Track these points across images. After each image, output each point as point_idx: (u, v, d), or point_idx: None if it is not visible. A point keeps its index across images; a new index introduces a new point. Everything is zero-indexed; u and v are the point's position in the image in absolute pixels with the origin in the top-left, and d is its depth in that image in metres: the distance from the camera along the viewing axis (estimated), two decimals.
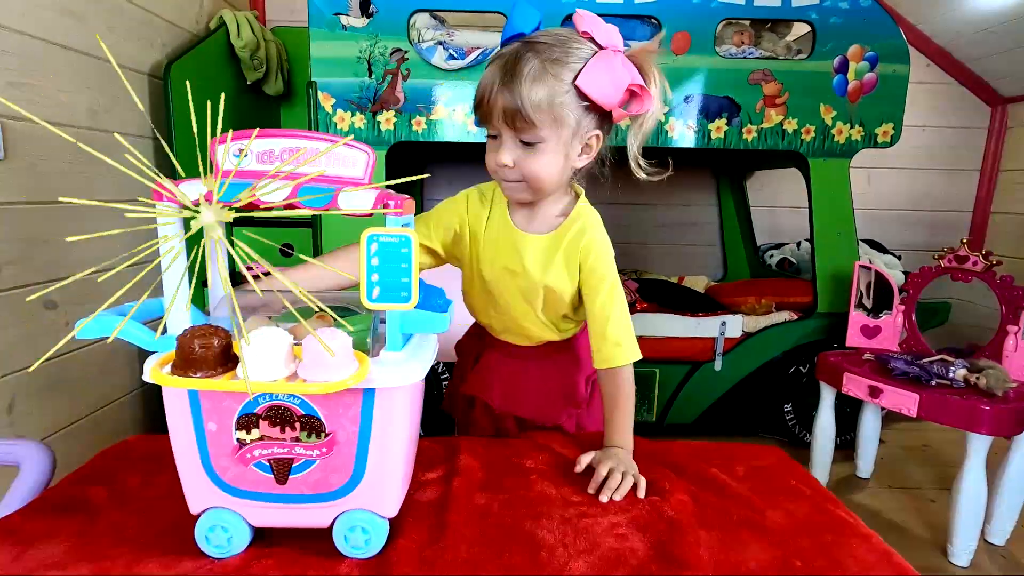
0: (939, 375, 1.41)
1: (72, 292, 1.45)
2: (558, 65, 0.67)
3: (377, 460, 0.51)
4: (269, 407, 0.50)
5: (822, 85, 1.78)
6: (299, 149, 0.49)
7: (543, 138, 0.69)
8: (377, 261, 0.48)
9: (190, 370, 0.48)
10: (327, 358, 0.46)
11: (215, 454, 0.52)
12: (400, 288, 0.49)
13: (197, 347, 0.47)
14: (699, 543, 0.54)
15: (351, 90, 1.71)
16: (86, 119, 1.49)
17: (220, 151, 0.49)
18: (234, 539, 0.54)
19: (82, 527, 0.59)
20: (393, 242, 0.48)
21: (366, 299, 0.49)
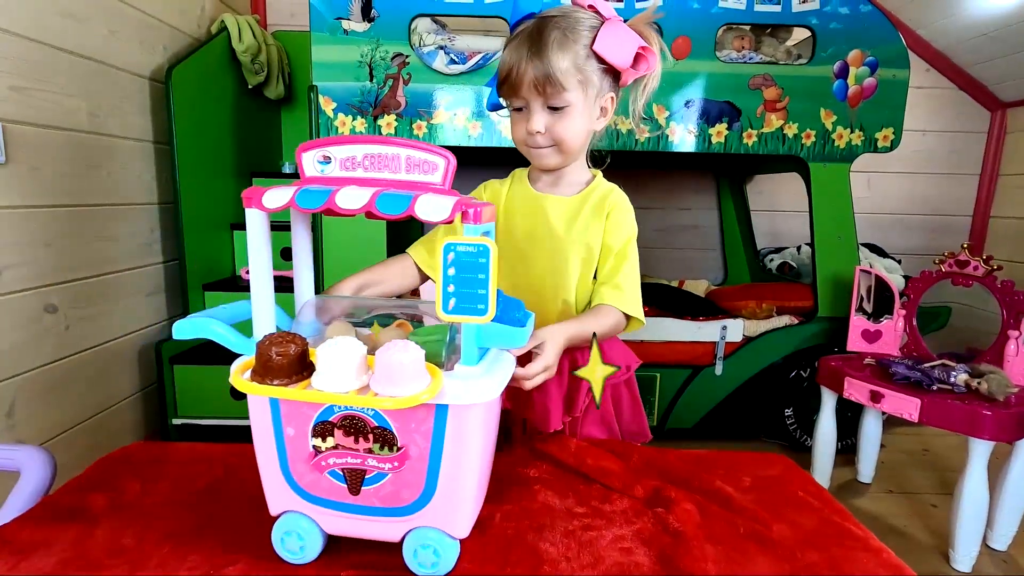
0: (940, 380, 1.41)
1: (72, 296, 1.45)
2: (576, 33, 0.74)
3: (449, 478, 0.50)
4: (344, 416, 0.50)
5: (822, 90, 1.78)
6: (380, 155, 0.49)
7: (570, 101, 0.75)
8: (454, 271, 0.47)
9: (268, 377, 0.48)
10: (400, 371, 0.46)
11: (292, 458, 0.53)
12: (477, 300, 0.47)
13: (274, 354, 0.48)
14: (705, 557, 0.54)
15: (352, 94, 1.71)
16: (87, 123, 1.49)
17: (305, 158, 0.49)
18: (307, 545, 0.54)
19: (79, 536, 0.59)
20: (471, 251, 0.46)
21: (441, 311, 0.48)
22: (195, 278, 1.86)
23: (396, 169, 0.49)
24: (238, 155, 2.09)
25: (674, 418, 1.94)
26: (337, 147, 0.49)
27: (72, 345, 1.45)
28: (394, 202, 0.46)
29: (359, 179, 0.49)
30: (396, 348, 0.47)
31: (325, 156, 0.49)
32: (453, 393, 0.48)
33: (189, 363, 1.76)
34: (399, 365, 0.46)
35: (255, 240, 0.53)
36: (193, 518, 0.62)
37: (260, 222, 0.53)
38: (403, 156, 0.49)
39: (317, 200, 0.47)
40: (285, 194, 0.48)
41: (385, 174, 0.49)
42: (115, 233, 1.60)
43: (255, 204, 0.51)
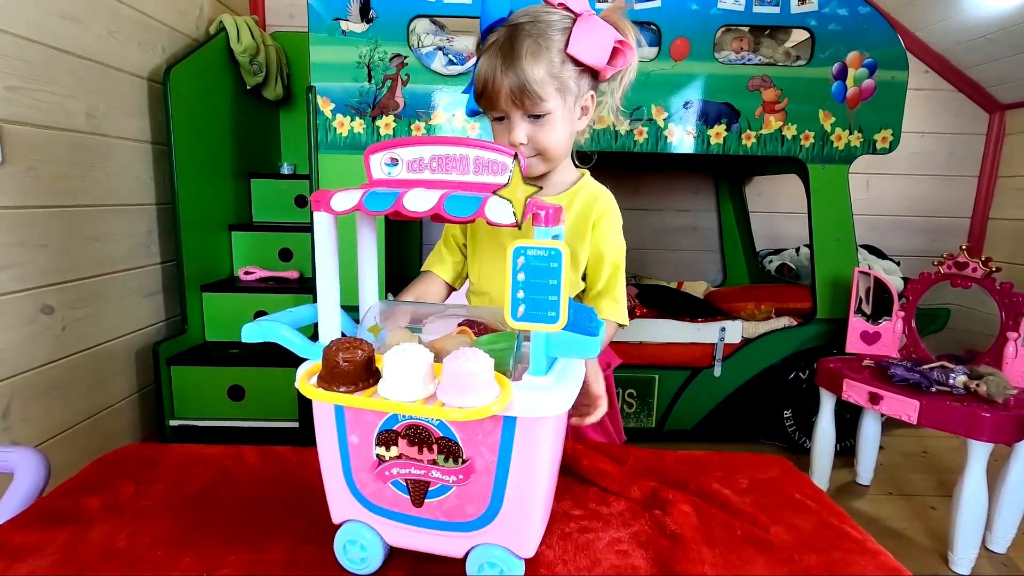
0: (939, 382, 1.41)
1: (69, 297, 1.45)
2: (548, 39, 0.72)
3: (515, 494, 0.49)
4: (408, 425, 0.49)
5: (821, 91, 1.78)
6: (448, 156, 0.47)
7: (550, 109, 0.73)
8: (523, 277, 0.44)
9: (334, 383, 0.48)
10: (468, 381, 0.44)
11: (356, 467, 0.52)
12: (548, 307, 0.45)
13: (341, 361, 0.47)
14: (702, 560, 0.53)
15: (351, 95, 1.71)
16: (85, 123, 1.49)
17: (373, 161, 0.48)
18: (369, 555, 0.53)
19: (72, 539, 0.58)
20: (541, 255, 0.44)
21: (510, 318, 0.46)
22: (193, 279, 1.86)
23: (464, 170, 0.48)
24: (236, 156, 2.09)
25: (673, 419, 1.94)
26: (404, 148, 0.48)
27: (69, 346, 1.45)
28: (463, 204, 0.45)
29: (426, 181, 0.48)
30: (465, 357, 0.45)
31: (392, 159, 0.48)
32: (522, 405, 0.46)
33: (186, 364, 1.76)
34: (468, 375, 0.44)
35: (323, 243, 0.52)
36: (187, 520, 0.62)
37: (328, 225, 0.52)
38: (471, 157, 0.47)
39: (385, 203, 0.46)
40: (353, 197, 0.47)
41: (453, 176, 0.48)
42: (112, 234, 1.60)
43: (323, 207, 0.49)
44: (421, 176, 0.48)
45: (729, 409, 1.94)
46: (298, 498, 0.66)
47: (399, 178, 0.49)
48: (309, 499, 0.66)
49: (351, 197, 0.48)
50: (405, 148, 0.48)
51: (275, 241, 2.10)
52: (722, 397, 1.93)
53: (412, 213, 0.45)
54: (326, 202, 0.49)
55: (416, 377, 0.46)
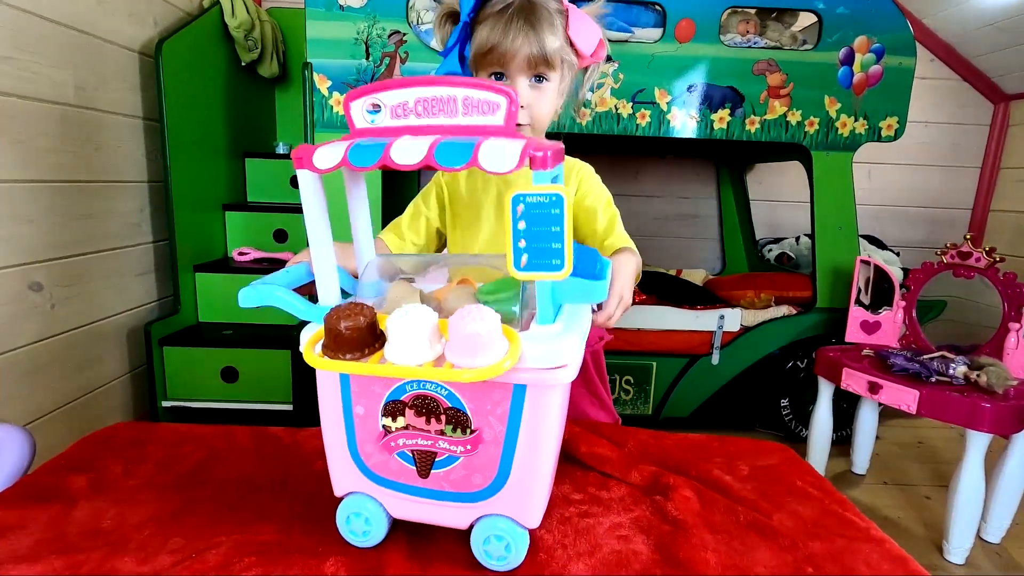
0: (939, 372, 1.40)
1: (58, 274, 1.42)
2: (555, 18, 0.75)
3: (523, 464, 0.48)
4: (416, 396, 0.48)
5: (827, 77, 1.75)
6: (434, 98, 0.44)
7: (552, 79, 0.77)
8: (524, 225, 0.42)
9: (339, 351, 0.45)
10: (476, 341, 0.42)
11: (361, 439, 0.51)
12: (552, 255, 0.42)
13: (343, 328, 0.45)
14: (705, 546, 0.52)
15: (348, 72, 1.67)
16: (74, 96, 1.45)
17: (354, 108, 0.44)
18: (373, 528, 0.53)
19: (57, 517, 0.56)
20: (543, 202, 0.41)
21: (513, 268, 0.43)
22: (186, 259, 1.83)
23: (452, 113, 0.44)
24: (231, 134, 2.05)
25: (670, 407, 1.93)
26: (387, 93, 0.44)
27: (58, 325, 1.42)
28: (455, 152, 0.42)
29: (413, 127, 0.44)
30: (471, 316, 0.42)
31: (374, 104, 0.44)
32: (534, 355, 0.44)
33: (179, 345, 1.74)
34: (475, 336, 0.42)
35: (310, 202, 0.49)
36: (176, 500, 0.60)
37: (314, 183, 0.49)
38: (460, 97, 0.43)
39: (371, 157, 0.43)
40: (337, 151, 0.44)
41: (441, 119, 0.44)
42: (103, 211, 1.57)
43: (306, 165, 0.47)
44: (407, 122, 0.45)
45: (726, 397, 1.93)
46: (291, 478, 0.65)
47: (383, 126, 0.45)
48: (302, 479, 0.65)
49: (335, 152, 0.44)
50: (387, 92, 0.44)
51: (270, 222, 2.06)
52: (719, 385, 1.92)
53: (401, 166, 0.42)
54: (308, 159, 0.46)
55: (423, 340, 0.44)
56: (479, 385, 0.47)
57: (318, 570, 0.50)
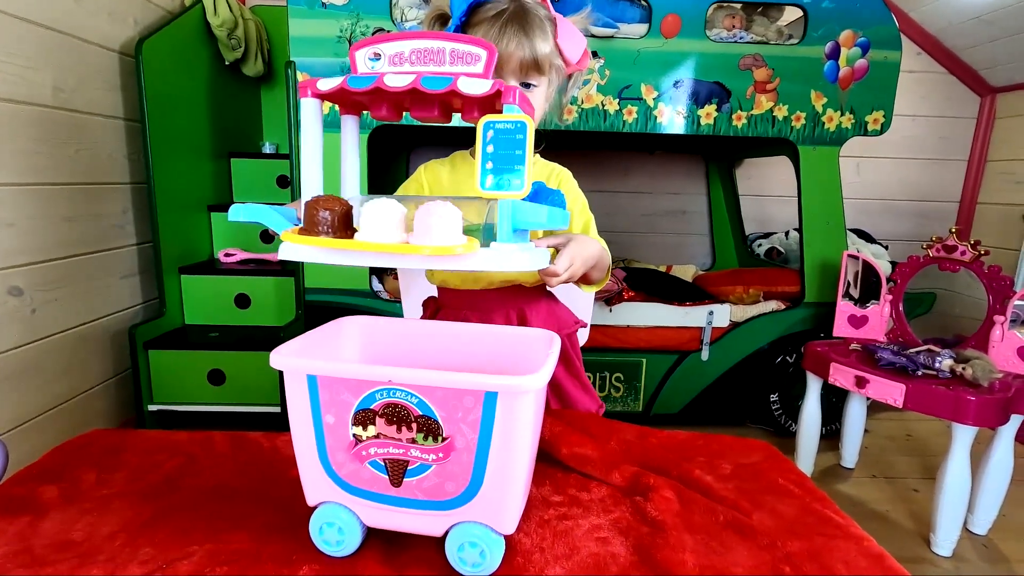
0: (925, 365, 1.40)
1: (39, 278, 1.40)
2: (547, 25, 0.78)
3: (496, 470, 0.48)
4: (386, 404, 0.48)
5: (813, 71, 1.75)
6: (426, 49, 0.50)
7: (541, 84, 0.79)
8: (492, 148, 0.48)
9: (314, 231, 0.50)
10: (437, 223, 0.47)
11: (332, 448, 0.51)
12: (513, 175, 0.48)
13: (321, 210, 0.50)
14: (683, 547, 0.52)
15: (332, 71, 1.65)
16: (52, 97, 1.43)
17: (358, 56, 0.51)
18: (347, 538, 0.52)
19: (24, 530, 0.55)
20: (508, 128, 0.48)
21: (479, 187, 0.49)
22: (171, 261, 1.81)
23: (441, 62, 0.50)
24: (215, 135, 2.03)
25: (660, 403, 1.93)
26: (387, 44, 0.51)
27: (39, 329, 1.41)
28: (438, 81, 0.49)
29: (407, 73, 0.51)
30: (435, 205, 0.48)
31: (376, 53, 0.51)
32: (488, 258, 0.50)
33: (165, 348, 1.72)
34: (438, 218, 0.47)
35: (309, 129, 0.55)
36: (148, 510, 0.59)
37: (315, 111, 0.55)
38: (447, 49, 0.50)
39: (366, 81, 0.49)
40: (337, 80, 0.51)
41: (431, 67, 0.50)
42: (84, 213, 1.55)
43: (310, 91, 0.53)
44: (401, 69, 0.51)
45: (716, 393, 1.94)
46: (267, 486, 0.64)
47: (382, 71, 0.51)
48: (278, 486, 0.64)
49: (335, 80, 0.51)
50: (387, 43, 0.51)
51: None
52: (709, 381, 1.93)
53: (392, 88, 0.48)
54: (312, 84, 0.52)
55: (393, 223, 0.48)
56: (450, 392, 0.47)
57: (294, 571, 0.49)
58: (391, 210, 0.49)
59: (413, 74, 0.49)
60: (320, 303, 1.75)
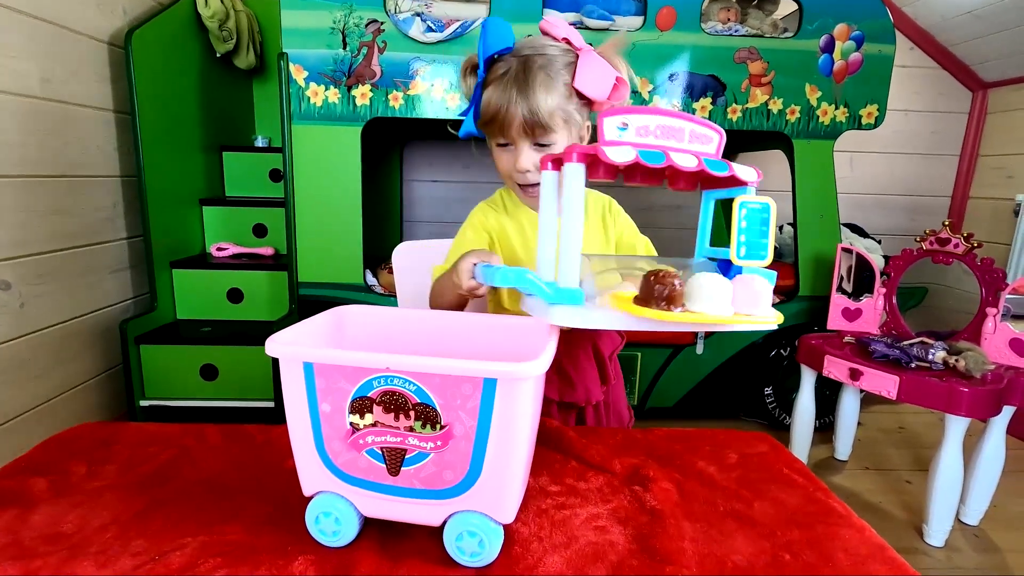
0: (919, 358, 1.41)
1: (27, 272, 1.38)
2: (556, 72, 0.75)
3: (495, 459, 0.48)
4: (383, 392, 0.48)
5: (808, 64, 1.75)
6: (670, 126, 0.54)
7: (555, 140, 0.77)
8: (745, 224, 0.54)
9: (649, 304, 0.52)
10: (758, 296, 0.52)
11: (328, 436, 0.50)
12: (761, 248, 0.54)
13: (658, 284, 0.52)
14: (682, 535, 0.51)
15: (325, 63, 1.64)
16: (39, 88, 1.40)
17: (607, 123, 0.53)
18: (343, 528, 0.51)
19: (13, 522, 0.54)
20: (757, 208, 0.54)
21: (735, 256, 0.54)
22: (162, 255, 1.79)
23: (680, 139, 0.54)
24: (206, 127, 2.01)
25: (655, 397, 1.93)
26: (634, 115, 0.53)
27: (28, 324, 1.39)
28: (718, 165, 0.54)
29: (650, 145, 0.53)
30: (751, 277, 0.53)
31: (624, 123, 0.53)
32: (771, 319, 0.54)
33: (156, 343, 1.70)
34: (761, 289, 0.52)
35: (574, 193, 0.54)
36: (140, 502, 0.58)
37: (580, 175, 0.54)
38: (687, 129, 0.54)
39: (658, 158, 0.51)
40: (626, 152, 0.51)
41: (672, 143, 0.53)
42: (73, 206, 1.52)
43: (577, 156, 0.53)
44: (646, 140, 0.53)
45: (711, 386, 1.94)
46: (261, 478, 0.63)
47: (628, 140, 0.53)
48: (272, 478, 0.63)
49: (624, 151, 0.51)
50: (634, 115, 0.53)
51: (249, 216, 2.03)
52: (704, 374, 1.93)
53: (682, 167, 0.51)
54: (601, 152, 0.51)
55: (726, 297, 0.52)
56: (448, 380, 0.46)
57: (286, 570, 0.48)
58: (722, 285, 0.52)
59: (693, 155, 0.53)
60: (314, 297, 1.73)
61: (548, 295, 0.55)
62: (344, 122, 1.68)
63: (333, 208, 1.71)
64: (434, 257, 1.10)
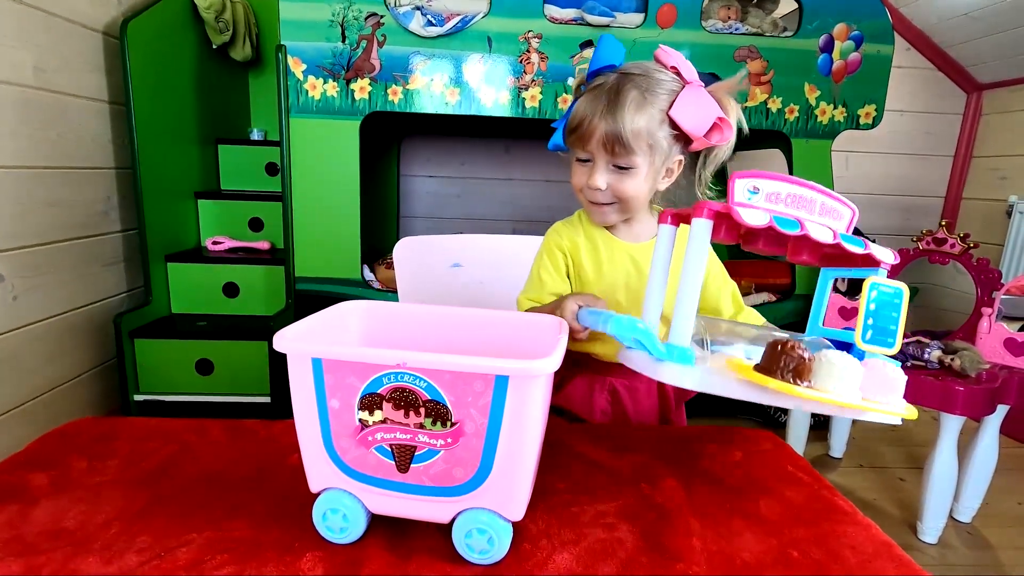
0: (914, 356, 1.42)
1: (20, 264, 1.36)
2: (653, 96, 0.72)
3: (506, 456, 0.48)
4: (393, 388, 0.47)
5: (807, 64, 1.75)
6: (801, 196, 0.52)
7: (637, 164, 0.74)
8: (874, 307, 0.52)
9: (772, 373, 0.49)
10: (892, 385, 0.50)
11: (337, 433, 0.50)
12: (888, 334, 0.52)
13: (786, 355, 0.49)
14: (691, 533, 0.51)
15: (323, 56, 1.62)
16: (33, 78, 1.38)
17: (738, 185, 0.51)
18: (351, 525, 0.51)
19: (15, 518, 0.53)
20: (889, 292, 0.52)
21: (860, 340, 0.52)
22: (157, 249, 1.77)
23: (812, 211, 0.52)
24: (202, 120, 1.99)
25: None
26: (766, 180, 0.52)
27: (21, 317, 1.37)
28: (855, 241, 0.52)
29: (779, 211, 0.52)
30: (883, 363, 0.51)
31: (755, 187, 0.52)
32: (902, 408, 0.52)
33: (151, 337, 1.69)
34: (895, 378, 0.50)
35: (699, 250, 0.52)
36: (144, 497, 0.58)
37: (706, 233, 0.53)
38: (819, 201, 0.53)
39: (793, 226, 0.50)
40: (759, 214, 0.50)
41: (802, 213, 0.52)
42: (67, 198, 1.51)
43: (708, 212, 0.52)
44: (776, 207, 0.52)
45: None
46: (265, 473, 0.63)
47: (757, 205, 0.52)
48: (276, 474, 0.62)
49: (758, 214, 0.50)
50: (767, 180, 0.52)
51: (245, 210, 2.01)
52: None
53: (816, 239, 0.50)
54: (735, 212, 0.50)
55: (856, 381, 0.49)
56: (460, 376, 0.46)
57: (294, 567, 0.48)
58: (854, 367, 0.49)
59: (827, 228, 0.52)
60: (311, 292, 1.72)
61: (660, 352, 0.53)
62: (343, 116, 1.66)
63: (331, 202, 1.70)
64: (435, 253, 1.10)
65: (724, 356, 0.56)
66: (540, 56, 1.66)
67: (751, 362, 0.53)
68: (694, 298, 0.52)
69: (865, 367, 0.50)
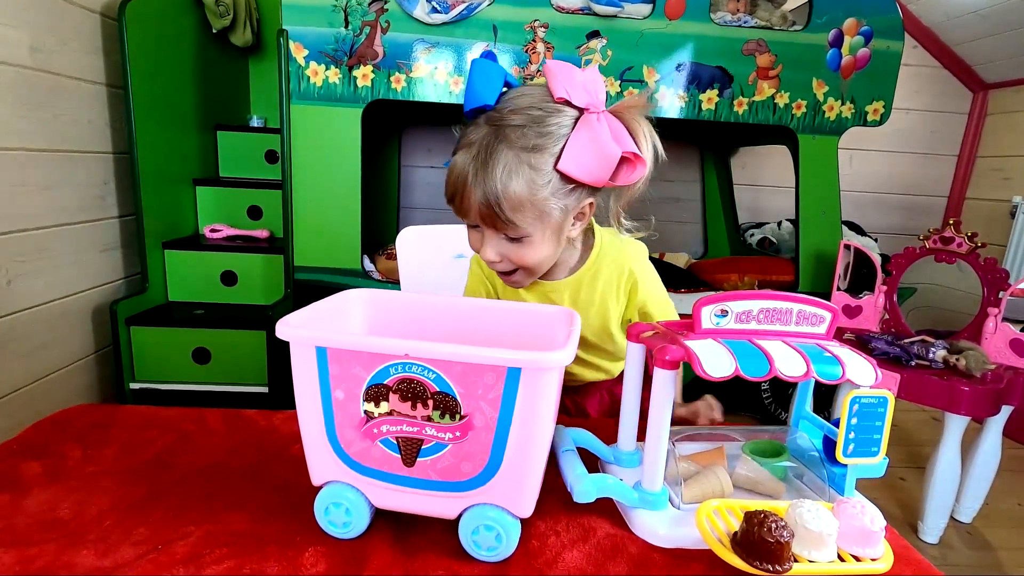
0: (919, 356, 1.41)
1: (14, 249, 1.34)
2: (535, 152, 0.60)
3: (516, 451, 0.46)
4: (401, 379, 0.45)
5: (816, 58, 1.73)
6: (775, 309, 0.51)
7: (528, 232, 0.63)
8: (856, 421, 0.50)
9: (752, 557, 0.44)
10: (869, 537, 0.47)
11: (341, 424, 0.48)
12: (872, 444, 0.51)
13: (768, 538, 0.44)
14: None
15: (326, 41, 1.60)
16: (29, 58, 1.35)
17: (704, 312, 0.50)
18: (354, 519, 0.49)
19: (7, 507, 0.52)
20: (872, 403, 0.50)
21: (841, 454, 0.51)
22: (154, 235, 1.75)
23: (787, 322, 0.51)
24: (201, 105, 1.95)
25: None
26: (735, 302, 0.50)
27: (14, 302, 1.34)
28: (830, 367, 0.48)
29: (753, 331, 0.51)
30: (861, 506, 0.48)
31: (723, 310, 0.50)
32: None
33: (148, 324, 1.66)
34: (874, 526, 0.47)
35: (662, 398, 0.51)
36: (141, 488, 0.56)
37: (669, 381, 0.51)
38: (795, 310, 0.51)
39: (762, 368, 0.47)
40: (724, 361, 0.47)
41: (777, 326, 0.51)
42: (63, 182, 1.48)
43: (696, 370, 0.48)
44: (748, 327, 0.50)
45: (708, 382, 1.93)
46: (265, 465, 0.61)
47: (727, 328, 0.50)
48: (276, 466, 0.61)
49: (723, 362, 0.47)
50: (735, 302, 0.50)
51: (244, 198, 1.99)
52: None
53: (787, 377, 0.47)
54: (696, 363, 0.47)
55: (833, 534, 0.46)
56: (470, 368, 0.44)
57: (295, 562, 0.46)
58: (830, 523, 0.46)
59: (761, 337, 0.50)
60: (310, 281, 1.70)
61: (633, 499, 0.52)
62: (345, 103, 1.64)
63: (331, 191, 1.67)
64: (439, 243, 1.08)
65: (701, 485, 0.54)
66: (546, 46, 1.63)
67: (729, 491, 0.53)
68: (662, 444, 0.51)
69: (841, 514, 0.47)
